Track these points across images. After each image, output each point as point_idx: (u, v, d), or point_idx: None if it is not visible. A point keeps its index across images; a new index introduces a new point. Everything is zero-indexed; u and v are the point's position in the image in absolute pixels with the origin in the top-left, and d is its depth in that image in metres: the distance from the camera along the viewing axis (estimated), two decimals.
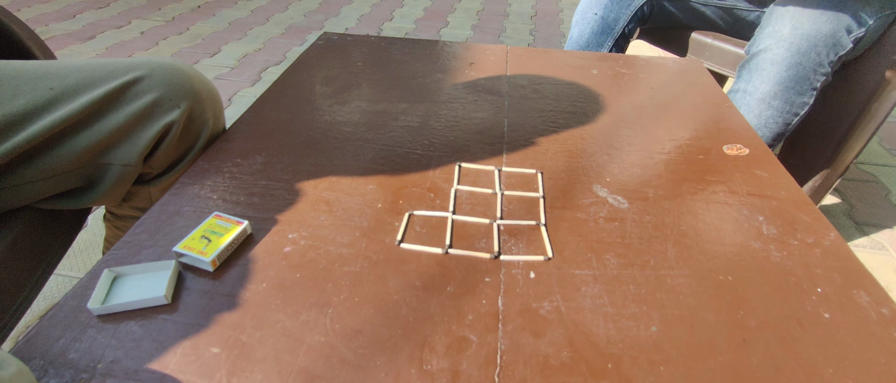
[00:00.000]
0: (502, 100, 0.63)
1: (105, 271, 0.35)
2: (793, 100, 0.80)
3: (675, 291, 0.37)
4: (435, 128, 0.57)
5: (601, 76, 0.71)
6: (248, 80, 1.80)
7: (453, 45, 0.80)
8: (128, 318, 0.33)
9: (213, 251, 0.37)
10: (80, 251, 1.02)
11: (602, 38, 1.05)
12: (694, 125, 0.59)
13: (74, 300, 0.34)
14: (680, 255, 0.40)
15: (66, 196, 0.49)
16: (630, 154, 0.53)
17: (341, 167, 0.49)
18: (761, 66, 0.80)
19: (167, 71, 0.49)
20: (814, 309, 0.35)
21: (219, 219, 0.40)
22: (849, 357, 0.32)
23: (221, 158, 0.50)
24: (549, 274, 0.38)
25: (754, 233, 0.42)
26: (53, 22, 2.25)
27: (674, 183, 0.49)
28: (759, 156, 0.53)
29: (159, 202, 0.43)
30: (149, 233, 0.40)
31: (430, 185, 0.47)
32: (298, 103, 0.61)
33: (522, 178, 0.49)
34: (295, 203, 0.44)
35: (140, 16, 2.38)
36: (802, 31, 0.77)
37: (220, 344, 0.32)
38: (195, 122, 0.51)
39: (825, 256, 0.40)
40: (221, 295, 0.35)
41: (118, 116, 0.46)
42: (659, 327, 0.34)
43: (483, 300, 0.36)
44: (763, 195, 0.47)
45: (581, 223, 0.43)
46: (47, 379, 0.29)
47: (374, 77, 0.68)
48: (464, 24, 2.45)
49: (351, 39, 0.80)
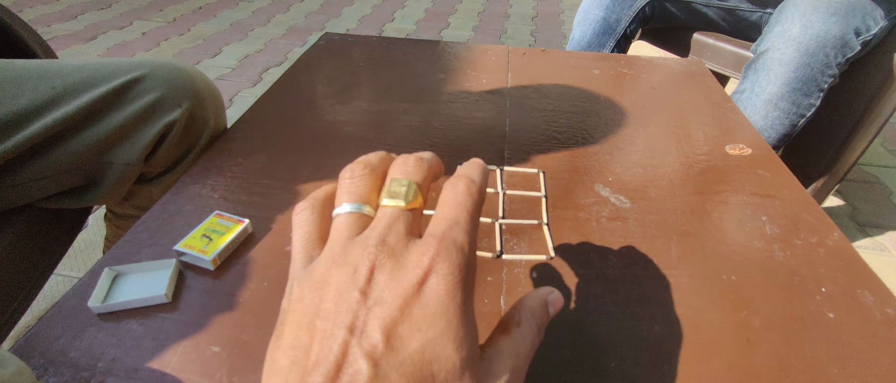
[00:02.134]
0: (504, 100, 0.63)
1: (105, 270, 0.35)
2: (799, 102, 0.80)
3: (678, 291, 0.36)
4: (436, 128, 0.56)
5: (603, 76, 0.71)
6: (248, 80, 1.80)
7: (454, 46, 0.80)
8: (128, 317, 0.33)
9: (214, 250, 0.37)
10: (81, 250, 1.02)
11: (604, 39, 1.05)
12: (696, 125, 0.59)
13: (75, 298, 0.34)
14: (683, 255, 0.40)
15: (67, 195, 0.49)
16: (632, 154, 0.53)
17: (343, 166, 0.49)
18: (769, 66, 0.80)
19: (168, 70, 0.49)
20: (818, 308, 0.35)
21: (220, 218, 0.40)
22: (854, 357, 0.32)
23: (223, 157, 0.50)
24: (552, 273, 0.38)
25: (758, 233, 0.42)
26: (55, 22, 2.25)
27: (676, 182, 0.48)
28: (762, 156, 0.53)
29: (160, 201, 0.43)
30: (149, 232, 0.40)
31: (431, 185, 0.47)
32: (300, 103, 0.60)
33: (524, 178, 0.49)
34: (296, 202, 0.44)
35: (142, 17, 2.39)
36: (812, 31, 0.76)
37: (221, 342, 0.32)
38: (196, 122, 0.51)
39: (829, 256, 0.40)
40: (222, 294, 0.35)
41: (119, 115, 0.46)
42: (662, 327, 0.34)
43: (485, 299, 0.35)
44: (766, 195, 0.47)
45: (583, 222, 0.43)
46: (47, 378, 0.29)
47: (375, 77, 0.68)
48: (465, 25, 2.45)
49: (352, 40, 0.80)
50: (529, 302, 0.24)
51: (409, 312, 0.18)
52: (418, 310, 0.18)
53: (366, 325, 0.18)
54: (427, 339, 0.18)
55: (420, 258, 0.19)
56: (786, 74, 0.78)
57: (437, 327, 0.18)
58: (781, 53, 0.79)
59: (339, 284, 0.20)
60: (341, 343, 0.18)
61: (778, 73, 0.79)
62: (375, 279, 0.19)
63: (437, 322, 0.18)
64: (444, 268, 0.19)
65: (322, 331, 0.19)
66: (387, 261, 0.20)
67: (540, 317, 0.23)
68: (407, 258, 0.20)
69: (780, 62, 0.79)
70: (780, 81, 0.79)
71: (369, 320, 0.18)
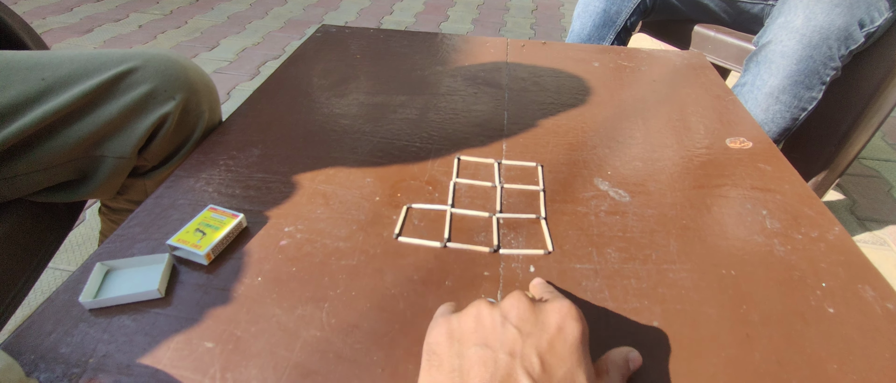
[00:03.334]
0: (502, 93, 0.63)
1: (97, 264, 0.35)
2: (801, 95, 0.79)
3: (677, 286, 0.36)
4: (434, 121, 0.56)
5: (603, 69, 0.70)
6: (246, 74, 1.79)
7: (453, 38, 0.79)
8: (120, 312, 0.33)
9: (207, 244, 0.36)
10: (78, 245, 1.02)
11: (604, 31, 1.04)
12: (696, 118, 0.58)
13: (66, 294, 0.34)
14: (682, 249, 0.39)
15: (60, 189, 0.49)
16: (632, 147, 0.52)
17: (339, 160, 0.48)
18: (771, 58, 0.79)
19: (162, 62, 0.48)
20: (818, 303, 0.35)
21: (214, 213, 0.39)
22: (853, 352, 0.32)
23: (217, 151, 0.49)
24: (550, 268, 0.37)
25: (758, 227, 0.42)
26: (50, 15, 2.23)
27: (676, 176, 0.48)
28: (763, 149, 0.52)
29: (153, 195, 0.43)
30: (142, 227, 0.40)
31: (428, 178, 0.46)
32: (296, 96, 0.60)
33: (522, 171, 0.48)
34: (291, 196, 0.43)
35: (138, 9, 2.37)
36: (816, 23, 0.75)
37: (215, 338, 0.31)
38: (190, 114, 0.51)
39: (830, 250, 0.39)
40: (216, 289, 0.35)
41: (112, 108, 0.46)
42: (661, 322, 0.33)
43: (482, 294, 0.35)
44: (766, 189, 0.47)
45: (582, 216, 0.42)
46: (38, 374, 0.29)
47: (372, 69, 0.67)
48: (464, 18, 2.43)
49: (349, 32, 0.80)
50: (615, 357, 0.29)
51: (554, 347, 0.24)
52: (560, 346, 0.24)
53: (524, 351, 0.24)
54: (568, 369, 0.24)
55: (560, 308, 0.26)
56: (788, 67, 0.78)
57: (574, 360, 0.24)
58: (784, 45, 0.78)
59: (492, 322, 0.26)
60: (505, 364, 0.23)
61: (780, 65, 0.78)
62: (524, 317, 0.26)
63: (573, 356, 0.24)
64: (575, 315, 0.26)
65: (482, 356, 0.24)
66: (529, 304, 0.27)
67: (623, 371, 0.28)
68: (547, 307, 0.27)
69: (783, 54, 0.78)
70: (782, 74, 0.78)
71: (526, 347, 0.24)
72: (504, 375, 0.23)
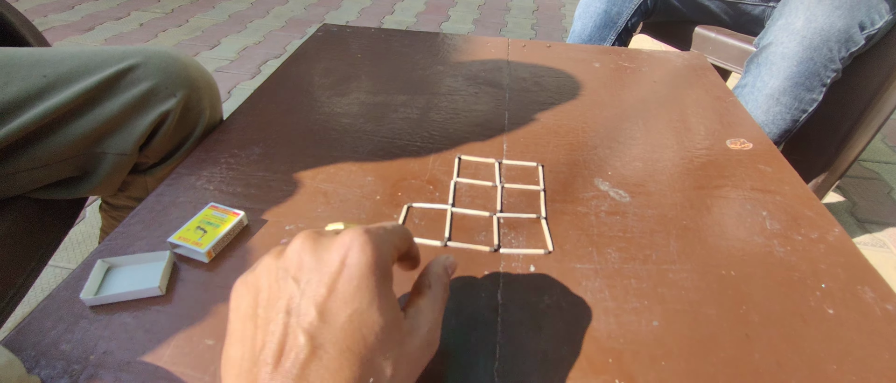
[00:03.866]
0: (503, 93, 0.63)
1: (98, 261, 0.35)
2: (802, 97, 0.79)
3: (677, 286, 0.36)
4: (435, 120, 0.56)
5: (603, 69, 0.70)
6: (247, 72, 1.79)
7: (454, 38, 0.79)
8: (121, 309, 0.33)
9: (208, 242, 0.36)
10: (79, 242, 1.02)
11: (605, 32, 1.04)
12: (697, 119, 0.58)
13: (67, 291, 0.34)
14: (682, 250, 0.39)
15: (61, 185, 0.49)
16: (632, 147, 0.53)
17: (340, 159, 0.49)
18: (771, 59, 0.79)
19: (163, 59, 0.49)
20: (818, 304, 0.35)
21: (215, 210, 0.39)
22: (853, 353, 0.32)
23: (218, 149, 0.49)
24: (550, 267, 0.37)
25: (758, 228, 0.42)
26: (52, 13, 2.23)
27: (676, 177, 0.48)
28: (763, 150, 0.52)
29: (154, 192, 0.43)
30: (143, 224, 0.40)
31: (429, 177, 0.46)
32: (297, 94, 0.60)
33: (523, 171, 0.48)
34: (292, 194, 0.44)
35: (139, 7, 2.37)
36: (816, 25, 0.75)
37: (215, 336, 0.31)
38: (192, 112, 0.51)
39: (829, 252, 0.40)
40: (216, 286, 0.35)
41: (113, 105, 0.46)
42: (660, 322, 0.33)
43: (482, 293, 0.35)
44: (767, 190, 0.47)
45: (582, 217, 0.42)
46: (39, 370, 0.29)
47: (373, 69, 0.67)
48: (465, 18, 2.43)
49: (350, 31, 0.80)
50: (434, 268, 0.28)
51: (335, 290, 0.21)
52: (343, 286, 0.22)
53: (300, 305, 0.21)
54: (354, 309, 0.21)
55: (343, 240, 0.23)
56: (788, 69, 0.78)
57: (363, 297, 0.21)
58: (784, 47, 0.78)
59: (271, 279, 0.23)
60: (282, 325, 0.21)
61: (780, 67, 0.78)
62: (303, 264, 0.22)
63: (360, 293, 0.21)
64: (361, 243, 0.22)
65: (264, 319, 0.22)
66: (311, 244, 0.23)
67: (444, 280, 0.28)
68: (331, 243, 0.23)
69: (783, 56, 0.78)
70: (783, 76, 0.78)
71: (303, 300, 0.21)
72: (280, 338, 0.20)
